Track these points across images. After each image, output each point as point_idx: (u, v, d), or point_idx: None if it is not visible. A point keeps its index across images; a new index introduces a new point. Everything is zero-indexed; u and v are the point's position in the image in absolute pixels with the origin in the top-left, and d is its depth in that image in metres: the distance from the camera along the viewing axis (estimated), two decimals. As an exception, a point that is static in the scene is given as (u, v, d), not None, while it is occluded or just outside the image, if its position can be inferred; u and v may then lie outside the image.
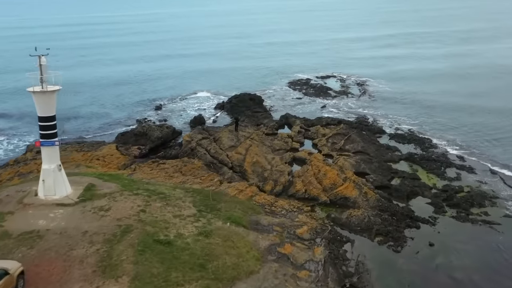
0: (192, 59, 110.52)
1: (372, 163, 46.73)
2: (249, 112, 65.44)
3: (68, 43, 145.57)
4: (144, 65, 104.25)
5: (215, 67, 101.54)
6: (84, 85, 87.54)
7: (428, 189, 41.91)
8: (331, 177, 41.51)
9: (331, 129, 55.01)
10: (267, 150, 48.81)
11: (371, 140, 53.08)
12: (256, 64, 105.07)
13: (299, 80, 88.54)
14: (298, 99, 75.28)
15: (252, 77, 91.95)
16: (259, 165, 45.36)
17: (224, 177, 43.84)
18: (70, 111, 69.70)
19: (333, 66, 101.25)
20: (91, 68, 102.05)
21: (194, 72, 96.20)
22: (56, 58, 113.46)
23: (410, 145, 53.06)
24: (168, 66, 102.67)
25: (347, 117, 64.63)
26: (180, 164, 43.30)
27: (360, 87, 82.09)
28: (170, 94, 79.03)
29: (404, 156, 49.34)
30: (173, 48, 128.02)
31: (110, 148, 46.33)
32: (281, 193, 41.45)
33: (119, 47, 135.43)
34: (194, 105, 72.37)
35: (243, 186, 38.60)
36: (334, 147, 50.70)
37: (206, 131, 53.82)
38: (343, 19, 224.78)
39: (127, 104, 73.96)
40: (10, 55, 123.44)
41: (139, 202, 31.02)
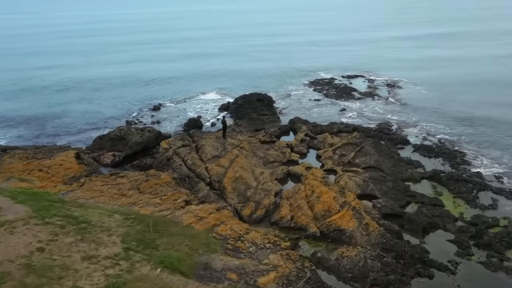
0: (213, 59, 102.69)
1: (384, 182, 37.19)
2: (255, 114, 56.82)
3: (85, 40, 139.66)
4: (160, 64, 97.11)
5: (234, 67, 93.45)
6: (89, 82, 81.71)
7: (452, 220, 32.27)
8: (326, 201, 32.46)
9: (342, 138, 45.63)
10: (257, 163, 39.97)
11: (389, 152, 43.45)
12: (280, 64, 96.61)
13: (322, 80, 79.39)
14: (316, 101, 66.15)
15: (271, 77, 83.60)
16: (243, 181, 36.70)
17: (197, 195, 35.32)
18: (60, 109, 64.07)
19: (364, 65, 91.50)
20: (101, 66, 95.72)
21: (210, 72, 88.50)
22: (69, 56, 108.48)
23: (437, 160, 43.17)
24: (185, 66, 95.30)
25: (367, 122, 55.18)
26: (142, 178, 35.00)
27: (390, 89, 72.11)
28: (176, 94, 72.16)
29: (427, 174, 39.64)
30: (198, 47, 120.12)
31: (67, 155, 38.59)
32: (262, 220, 32.94)
33: (141, 44, 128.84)
34: (197, 106, 64.39)
35: (205, 212, 29.75)
36: (341, 160, 41.38)
37: (190, 137, 45.35)
38: (387, 17, 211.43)
39: (125, 103, 67.32)
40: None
41: (43, 236, 22.94)
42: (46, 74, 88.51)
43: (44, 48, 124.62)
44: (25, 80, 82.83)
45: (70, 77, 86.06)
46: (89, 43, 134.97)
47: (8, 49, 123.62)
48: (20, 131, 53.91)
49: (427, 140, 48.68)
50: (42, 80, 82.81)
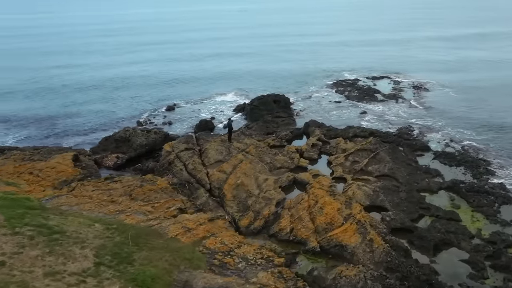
0: (237, 58, 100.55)
1: (397, 193, 34.40)
2: (270, 116, 54.54)
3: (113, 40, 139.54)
4: (184, 64, 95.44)
5: (257, 67, 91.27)
6: (109, 81, 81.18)
7: (467, 237, 29.37)
8: (329, 213, 29.92)
9: (356, 143, 42.80)
10: (262, 169, 37.68)
11: (406, 159, 40.54)
12: (305, 64, 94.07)
13: (345, 81, 76.48)
14: (336, 103, 63.42)
15: (294, 78, 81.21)
16: (244, 188, 34.48)
17: (195, 203, 33.27)
18: (74, 109, 63.40)
19: (393, 66, 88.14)
20: (125, 65, 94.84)
21: (232, 71, 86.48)
22: (92, 56, 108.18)
23: (458, 169, 40.08)
24: (208, 65, 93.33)
25: (387, 127, 52.24)
26: (136, 183, 33.13)
27: (416, 91, 68.71)
28: (194, 94, 70.54)
29: (445, 184, 36.60)
30: (224, 47, 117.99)
31: (64, 157, 37.09)
32: (260, 231, 30.69)
33: (168, 44, 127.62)
34: (213, 107, 62.53)
35: (196, 223, 27.62)
36: (353, 167, 38.70)
37: (195, 140, 43.32)
38: (420, 16, 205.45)
39: (141, 103, 66.27)
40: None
41: (7, 248, 21.32)
42: (66, 73, 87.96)
43: (65, 48, 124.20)
44: (44, 80, 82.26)
45: (91, 76, 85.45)
46: (117, 42, 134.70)
47: (28, 49, 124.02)
48: (29, 130, 53.21)
49: (450, 147, 45.50)
50: (62, 79, 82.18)
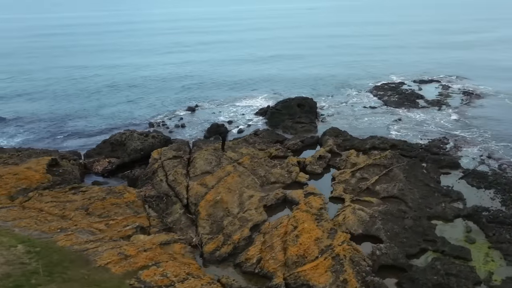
0: (284, 61, 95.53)
1: (402, 219, 28.97)
2: (290, 122, 50.06)
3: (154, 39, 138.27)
4: (228, 65, 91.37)
5: (301, 69, 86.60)
6: (145, 80, 79.02)
7: (472, 283, 23.65)
8: (304, 243, 25.18)
9: (370, 157, 37.22)
10: (251, 183, 33.24)
11: (426, 178, 34.76)
12: (352, 65, 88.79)
13: (388, 84, 70.02)
14: (371, 108, 57.67)
15: (336, 79, 76.12)
16: (223, 206, 30.25)
17: (165, 220, 29.36)
18: (93, 109, 61.43)
19: (450, 70, 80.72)
20: (168, 65, 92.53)
21: (273, 73, 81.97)
22: (144, 54, 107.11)
23: (487, 193, 33.80)
24: (251, 67, 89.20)
25: (418, 137, 46.36)
26: (100, 195, 29.74)
27: (466, 97, 61.60)
28: (222, 95, 67.10)
29: (465, 211, 30.72)
30: (275, 48, 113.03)
31: (39, 162, 34.46)
32: (226, 259, 26.39)
33: (224, 43, 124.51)
34: (234, 109, 58.52)
35: (136, 249, 23.58)
36: (358, 185, 33.35)
37: (191, 146, 39.49)
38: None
39: (165, 102, 63.97)
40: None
41: None
42: (106, 73, 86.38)
43: (118, 46, 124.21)
44: (82, 79, 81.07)
45: (129, 75, 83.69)
46: (168, 41, 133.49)
47: (88, 46, 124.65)
48: (35, 130, 51.26)
49: (485, 164, 39.06)
50: (102, 78, 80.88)
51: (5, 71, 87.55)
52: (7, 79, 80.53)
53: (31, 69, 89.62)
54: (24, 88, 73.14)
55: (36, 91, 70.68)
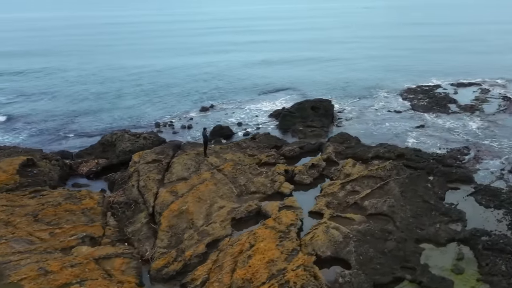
0: (319, 63, 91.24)
1: (383, 241, 25.56)
2: (301, 125, 47.22)
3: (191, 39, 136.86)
4: (259, 67, 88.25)
5: (335, 71, 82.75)
6: (167, 80, 77.66)
7: (443, 325, 19.71)
8: (254, 265, 22.38)
9: (370, 167, 33.64)
10: (227, 192, 30.60)
11: (426, 193, 31.06)
12: (391, 67, 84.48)
13: (421, 87, 65.33)
14: (395, 113, 53.84)
15: (367, 81, 72.15)
16: (188, 217, 27.80)
17: (125, 230, 27.28)
18: (106, 107, 60.60)
19: (497, 73, 73.34)
20: (202, 66, 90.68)
21: (300, 77, 78.11)
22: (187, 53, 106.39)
23: (495, 213, 29.76)
24: (285, 68, 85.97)
25: (437, 146, 42.58)
26: (58, 200, 28.01)
27: (505, 103, 56.19)
28: (240, 97, 64.70)
29: (462, 234, 26.95)
30: (315, 49, 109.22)
31: (13, 161, 33.24)
32: (173, 278, 23.84)
33: (264, 44, 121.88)
34: (248, 110, 55.84)
35: (60, 265, 21.44)
36: (345, 199, 29.85)
37: (171, 150, 37.23)
38: None
39: (182, 101, 62.74)
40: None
41: None
42: (133, 72, 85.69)
43: (159, 46, 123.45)
44: (109, 77, 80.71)
45: (158, 74, 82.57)
46: (209, 41, 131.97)
47: (137, 45, 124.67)
48: (42, 128, 50.61)
49: (503, 180, 34.48)
50: (126, 77, 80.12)
51: (40, 68, 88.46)
52: (42, 76, 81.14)
53: (65, 66, 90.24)
54: (47, 86, 73.17)
55: (58, 89, 70.47)
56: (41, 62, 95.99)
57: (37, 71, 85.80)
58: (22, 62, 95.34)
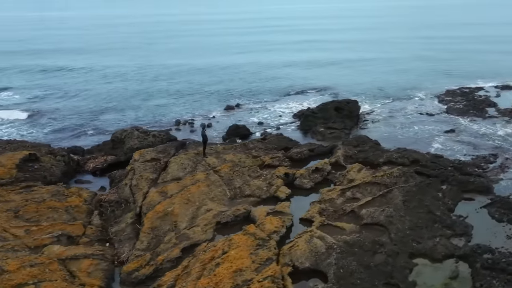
0: (361, 62, 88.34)
1: (371, 254, 23.87)
2: (322, 127, 45.77)
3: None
4: (301, 68, 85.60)
5: (378, 70, 79.62)
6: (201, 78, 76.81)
7: None
8: (219, 274, 21.44)
9: (376, 173, 31.63)
10: (220, 195, 29.55)
11: (435, 204, 28.90)
12: (437, 68, 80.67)
13: (462, 89, 61.62)
14: (427, 116, 51.12)
15: (407, 82, 69.17)
16: (172, 219, 26.99)
17: (108, 230, 26.82)
18: (136, 103, 60.82)
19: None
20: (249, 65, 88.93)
21: (339, 76, 75.72)
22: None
23: (507, 228, 27.41)
24: (327, 71, 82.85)
25: (463, 152, 39.97)
26: (43, 196, 28.04)
27: (553, 107, 51.48)
28: (273, 96, 63.11)
29: (463, 250, 24.61)
30: (362, 50, 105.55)
31: (14, 156, 33.51)
32: (142, 282, 22.98)
33: (310, 43, 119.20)
34: (276, 110, 54.60)
35: (19, 264, 21.02)
36: (342, 207, 28.11)
37: (174, 149, 36.49)
38: None
39: (211, 99, 62.28)
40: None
41: None
42: (173, 70, 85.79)
43: (218, 45, 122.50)
44: (146, 75, 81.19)
45: (196, 72, 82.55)
46: (252, 40, 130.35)
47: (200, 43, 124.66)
48: (67, 123, 51.16)
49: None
50: (162, 75, 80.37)
51: (83, 66, 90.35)
52: (82, 73, 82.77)
53: (107, 64, 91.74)
54: (84, 82, 74.43)
55: (92, 86, 71.50)
56: (85, 59, 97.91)
57: (79, 68, 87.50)
58: (67, 59, 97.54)
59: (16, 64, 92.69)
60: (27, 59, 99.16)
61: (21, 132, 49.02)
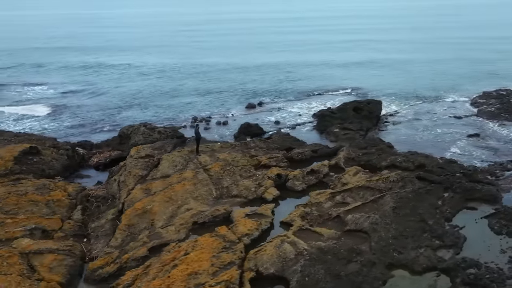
0: (401, 64, 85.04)
1: (346, 263, 22.38)
2: (337, 127, 44.14)
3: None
4: (337, 68, 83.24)
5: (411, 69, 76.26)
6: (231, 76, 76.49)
7: None
8: (173, 276, 21.12)
9: (372, 177, 30.08)
10: (205, 194, 29.02)
11: (430, 212, 27.19)
12: (478, 68, 76.83)
13: (499, 91, 58.27)
14: (455, 118, 48.87)
15: (441, 84, 66.13)
16: (149, 217, 26.55)
17: (88, 225, 26.85)
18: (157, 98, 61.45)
19: None
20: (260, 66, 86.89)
21: (371, 77, 73.04)
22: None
23: (505, 241, 25.44)
24: (359, 72, 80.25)
25: (481, 158, 37.72)
26: (27, 189, 28.22)
27: None
28: (299, 95, 61.89)
29: (446, 263, 22.95)
30: (409, 50, 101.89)
31: (13, 148, 33.92)
32: (105, 280, 22.78)
33: (341, 43, 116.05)
34: (297, 110, 53.67)
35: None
36: (328, 211, 26.88)
37: (171, 146, 36.11)
38: None
39: (234, 96, 62.31)
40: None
41: None
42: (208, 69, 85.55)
43: (266, 43, 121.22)
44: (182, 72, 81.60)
45: (232, 70, 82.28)
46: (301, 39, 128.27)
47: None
48: (84, 120, 51.75)
49: (536, 204, 28.88)
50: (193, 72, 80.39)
51: (126, 63, 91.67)
52: (121, 70, 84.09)
53: (146, 62, 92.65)
54: (117, 79, 75.52)
55: (125, 83, 72.39)
56: (125, 56, 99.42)
57: (118, 65, 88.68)
58: (108, 56, 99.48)
59: (59, 60, 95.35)
60: (71, 55, 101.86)
61: (43, 125, 50.06)
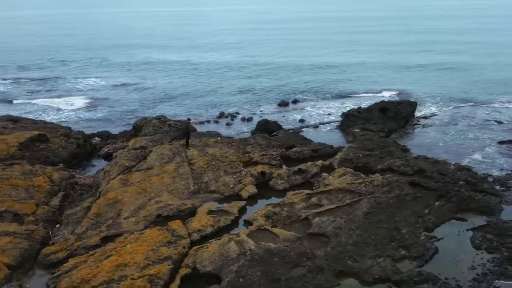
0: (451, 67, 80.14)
1: (290, 267, 21.52)
2: (358, 128, 42.44)
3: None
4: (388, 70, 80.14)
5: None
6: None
7: None
8: (102, 266, 21.02)
9: (357, 180, 28.66)
10: (181, 188, 28.92)
11: (409, 220, 25.38)
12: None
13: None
14: (496, 123, 46.02)
15: (497, 86, 61.75)
16: (117, 208, 26.87)
17: (67, 211, 27.79)
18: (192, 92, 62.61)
19: None
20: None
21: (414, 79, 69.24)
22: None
23: (479, 257, 23.12)
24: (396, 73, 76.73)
25: (503, 168, 34.68)
26: (14, 174, 29.56)
27: None
28: (336, 94, 60.22)
29: (400, 276, 21.32)
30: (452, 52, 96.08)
31: (22, 135, 35.62)
32: (54, 265, 23.39)
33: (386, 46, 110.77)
34: (328, 109, 52.30)
35: None
36: (298, 212, 25.98)
37: (168, 139, 36.24)
38: None
39: (271, 92, 61.76)
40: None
41: None
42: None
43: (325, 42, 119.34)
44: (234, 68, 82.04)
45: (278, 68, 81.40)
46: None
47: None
48: (116, 112, 53.21)
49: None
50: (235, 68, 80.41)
51: (184, 61, 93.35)
52: (176, 67, 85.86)
53: (204, 59, 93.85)
54: (168, 76, 76.91)
55: (172, 80, 73.50)
56: (186, 53, 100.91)
57: (174, 62, 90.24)
58: (170, 53, 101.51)
59: (121, 55, 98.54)
60: (137, 52, 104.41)
61: (78, 115, 51.93)
